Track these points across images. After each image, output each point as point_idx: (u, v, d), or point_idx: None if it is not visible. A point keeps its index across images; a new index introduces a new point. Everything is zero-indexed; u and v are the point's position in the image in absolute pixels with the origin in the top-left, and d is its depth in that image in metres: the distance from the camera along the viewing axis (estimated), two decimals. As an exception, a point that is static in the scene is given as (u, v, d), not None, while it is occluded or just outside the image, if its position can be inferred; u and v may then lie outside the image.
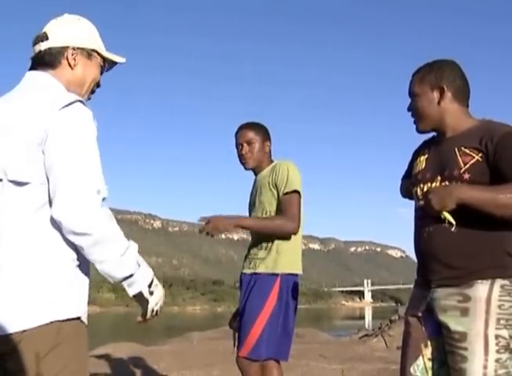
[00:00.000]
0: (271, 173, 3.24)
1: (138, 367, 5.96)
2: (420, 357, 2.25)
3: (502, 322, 2.09)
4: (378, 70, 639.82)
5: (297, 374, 5.63)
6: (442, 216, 2.10)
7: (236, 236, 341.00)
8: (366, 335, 9.55)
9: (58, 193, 1.67)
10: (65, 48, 1.91)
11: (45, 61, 1.90)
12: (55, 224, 1.69)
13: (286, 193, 3.14)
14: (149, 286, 1.82)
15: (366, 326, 18.02)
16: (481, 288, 2.11)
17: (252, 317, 3.10)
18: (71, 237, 1.68)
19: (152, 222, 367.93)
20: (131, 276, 1.76)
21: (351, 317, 67.15)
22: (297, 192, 3.14)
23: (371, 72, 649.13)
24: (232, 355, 3.21)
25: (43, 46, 1.91)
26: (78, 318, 1.75)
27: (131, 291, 1.79)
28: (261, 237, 3.22)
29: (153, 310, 1.85)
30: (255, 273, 3.18)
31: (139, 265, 1.79)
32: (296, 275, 3.21)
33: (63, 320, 1.70)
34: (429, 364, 2.24)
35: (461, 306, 2.13)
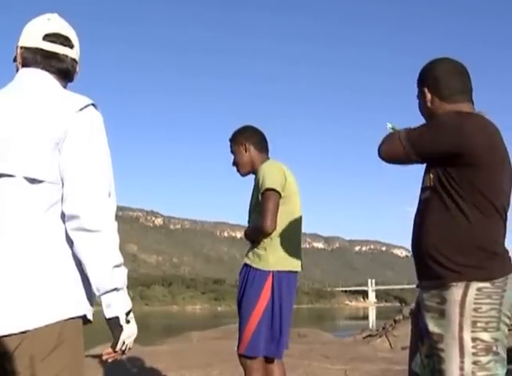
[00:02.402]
0: (256, 176, 3.34)
1: (137, 367, 5.94)
2: (418, 354, 2.29)
3: (479, 325, 2.07)
4: (390, 67, 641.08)
5: (299, 374, 5.60)
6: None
7: (238, 235, 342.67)
8: (370, 335, 9.54)
9: (75, 191, 1.71)
10: (77, 63, 1.97)
11: (70, 69, 1.92)
12: (63, 223, 1.72)
13: (262, 194, 3.21)
14: (127, 314, 1.76)
15: (370, 326, 18.04)
16: (455, 291, 2.11)
17: (246, 315, 3.19)
18: (79, 234, 1.69)
19: (153, 219, 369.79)
20: (116, 290, 1.72)
21: (354, 317, 67.48)
22: (269, 190, 3.19)
23: (383, 69, 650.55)
24: (231, 355, 3.19)
25: (70, 54, 1.92)
26: (80, 316, 1.75)
27: (109, 313, 1.72)
28: None
29: (124, 342, 1.75)
30: (248, 265, 3.27)
31: (125, 288, 1.78)
32: (289, 272, 3.26)
33: (66, 319, 1.70)
34: (426, 361, 2.26)
35: (439, 308, 2.15)
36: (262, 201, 3.19)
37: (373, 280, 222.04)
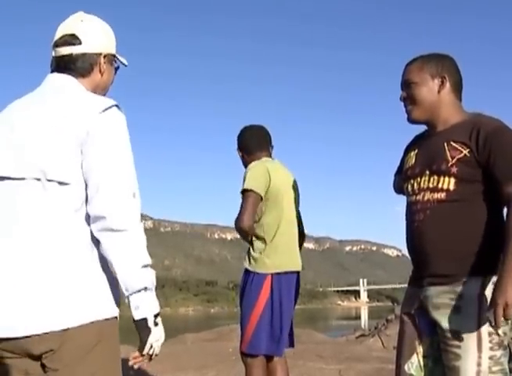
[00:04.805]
0: None
1: (133, 369, 5.85)
2: (415, 355, 2.25)
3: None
4: (375, 68, 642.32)
5: (294, 375, 5.57)
6: None
7: (229, 236, 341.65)
8: (363, 335, 9.52)
9: (99, 192, 1.70)
10: (99, 55, 1.92)
11: (78, 66, 1.89)
12: (88, 225, 1.73)
13: (241, 195, 3.32)
14: (155, 317, 1.74)
15: (363, 326, 18.06)
16: (472, 286, 2.11)
17: (246, 315, 3.29)
18: (106, 234, 1.69)
19: (143, 222, 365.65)
20: (145, 290, 1.70)
21: (346, 317, 67.53)
22: (246, 191, 3.28)
23: (369, 71, 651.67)
24: (226, 356, 3.25)
25: (75, 50, 1.89)
26: (115, 317, 1.77)
27: (137, 314, 1.70)
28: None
29: (151, 346, 1.74)
30: (247, 269, 3.36)
31: (154, 290, 1.76)
32: (288, 272, 3.32)
33: (104, 320, 1.71)
34: (423, 362, 2.24)
35: (453, 304, 2.13)
36: (242, 203, 3.29)
37: (365, 280, 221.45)
